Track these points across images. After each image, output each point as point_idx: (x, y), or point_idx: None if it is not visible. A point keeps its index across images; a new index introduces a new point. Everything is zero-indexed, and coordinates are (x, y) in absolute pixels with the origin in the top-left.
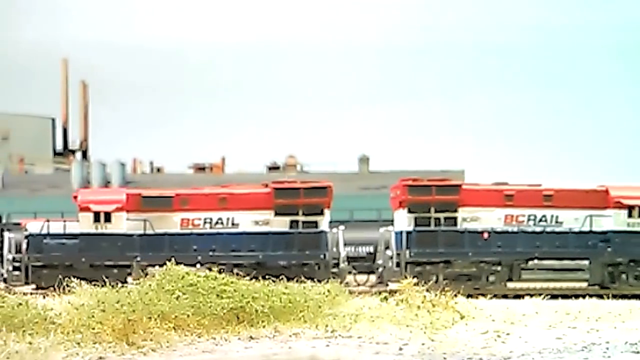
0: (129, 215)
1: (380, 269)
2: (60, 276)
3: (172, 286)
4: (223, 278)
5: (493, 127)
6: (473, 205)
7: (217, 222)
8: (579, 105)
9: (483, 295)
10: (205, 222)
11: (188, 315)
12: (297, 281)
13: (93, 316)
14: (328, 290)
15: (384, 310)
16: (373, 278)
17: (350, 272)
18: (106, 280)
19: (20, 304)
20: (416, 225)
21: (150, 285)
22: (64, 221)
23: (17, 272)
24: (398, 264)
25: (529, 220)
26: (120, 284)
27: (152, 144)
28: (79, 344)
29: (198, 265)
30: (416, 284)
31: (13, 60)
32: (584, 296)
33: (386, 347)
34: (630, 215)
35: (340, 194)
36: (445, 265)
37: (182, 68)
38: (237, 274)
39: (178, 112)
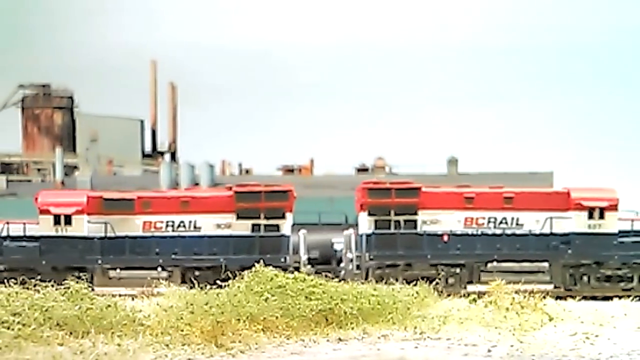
0: (90, 218)
1: (342, 272)
2: (21, 279)
3: (261, 288)
4: (312, 280)
5: (584, 128)
6: (433, 207)
7: (179, 225)
8: None
9: (572, 297)
10: (167, 225)
11: (277, 317)
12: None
13: (182, 318)
14: (417, 292)
15: (473, 312)
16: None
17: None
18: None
19: (109, 305)
20: (376, 227)
21: (239, 287)
22: (24, 223)
23: None
24: (358, 267)
25: (489, 222)
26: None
27: (241, 146)
28: (167, 345)
29: (159, 269)
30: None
31: (102, 62)
32: None
33: (475, 349)
34: (591, 217)
35: None
36: (405, 267)
37: (272, 69)
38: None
39: (267, 113)
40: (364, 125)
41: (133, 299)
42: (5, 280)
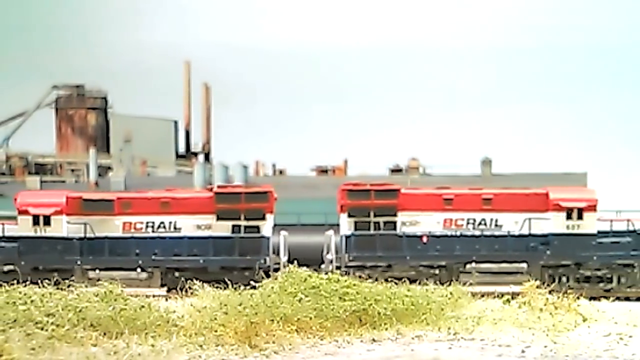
0: (70, 219)
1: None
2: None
3: (295, 289)
4: (345, 281)
5: (618, 129)
6: (412, 209)
7: (159, 226)
8: None
9: (606, 297)
10: (147, 226)
11: (310, 318)
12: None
13: (215, 318)
14: (450, 293)
15: (507, 313)
16: None
17: None
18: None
19: (143, 306)
20: (356, 229)
21: (272, 287)
22: (2, 224)
23: None
24: (338, 267)
25: (468, 223)
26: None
27: (275, 146)
28: (201, 346)
29: (139, 270)
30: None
31: (136, 63)
32: None
33: (509, 350)
34: (569, 218)
35: None
36: (384, 269)
37: (306, 70)
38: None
39: (301, 114)
40: (398, 126)
41: (167, 299)
42: None
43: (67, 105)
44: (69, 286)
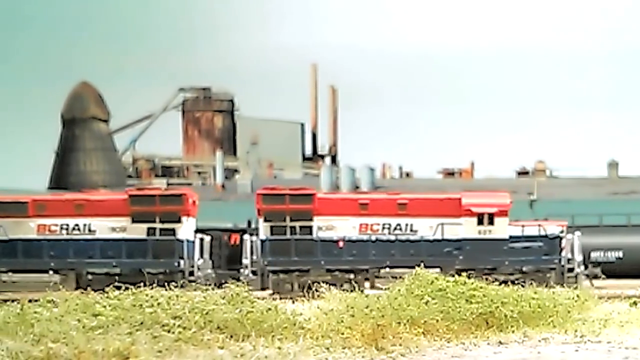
0: None
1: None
2: None
3: (422, 291)
4: (472, 283)
5: None
6: (328, 214)
7: (73, 229)
8: None
9: None
10: (62, 229)
11: (437, 320)
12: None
13: (342, 321)
14: (577, 295)
15: (634, 315)
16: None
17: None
18: None
19: (270, 309)
20: (272, 233)
21: (399, 290)
22: None
23: None
24: (255, 272)
25: (383, 228)
26: None
27: (402, 149)
28: (328, 349)
29: (51, 272)
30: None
31: (263, 65)
32: None
33: (636, 352)
34: (480, 223)
35: (588, 199)
36: (300, 273)
37: (432, 72)
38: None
39: (427, 116)
40: (525, 128)
41: (293, 302)
42: None
43: (193, 107)
44: None
